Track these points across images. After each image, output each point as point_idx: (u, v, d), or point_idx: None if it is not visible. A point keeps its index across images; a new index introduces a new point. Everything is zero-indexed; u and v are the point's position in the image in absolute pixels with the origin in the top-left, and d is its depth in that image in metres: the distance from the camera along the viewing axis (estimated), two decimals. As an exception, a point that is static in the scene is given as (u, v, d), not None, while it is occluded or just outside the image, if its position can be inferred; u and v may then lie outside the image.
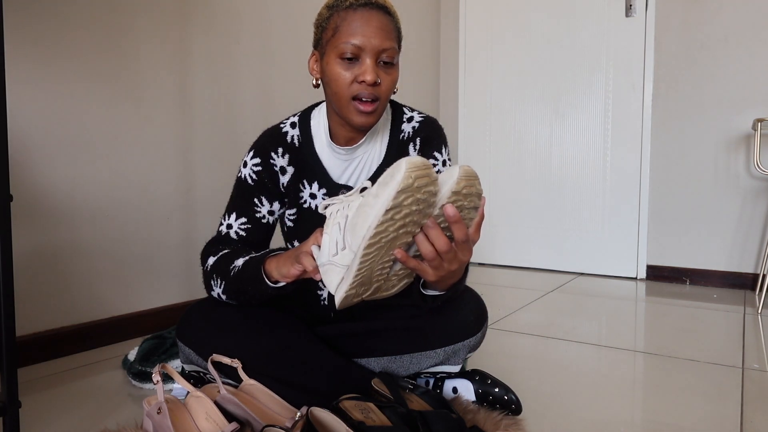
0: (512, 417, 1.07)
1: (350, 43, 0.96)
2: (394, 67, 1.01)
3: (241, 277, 0.99)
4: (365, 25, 0.96)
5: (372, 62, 0.97)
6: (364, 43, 0.96)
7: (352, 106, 0.99)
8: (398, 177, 0.71)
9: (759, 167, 2.16)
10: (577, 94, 2.76)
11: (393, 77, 1.00)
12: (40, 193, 1.45)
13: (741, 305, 2.13)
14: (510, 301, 2.18)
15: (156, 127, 1.72)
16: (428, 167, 0.73)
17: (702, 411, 1.15)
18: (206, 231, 1.88)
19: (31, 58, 1.42)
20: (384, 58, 0.98)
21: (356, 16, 0.96)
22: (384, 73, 0.99)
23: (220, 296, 1.05)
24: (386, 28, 0.98)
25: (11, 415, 0.86)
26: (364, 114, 0.99)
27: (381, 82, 0.98)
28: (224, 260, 1.03)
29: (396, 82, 1.02)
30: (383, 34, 0.97)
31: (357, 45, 0.96)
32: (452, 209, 0.76)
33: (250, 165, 1.10)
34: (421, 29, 2.99)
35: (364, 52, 0.96)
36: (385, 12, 0.98)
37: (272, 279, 0.96)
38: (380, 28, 0.97)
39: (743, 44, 2.39)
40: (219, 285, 1.03)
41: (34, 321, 1.44)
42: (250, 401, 0.98)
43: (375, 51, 0.96)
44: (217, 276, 1.04)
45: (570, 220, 2.81)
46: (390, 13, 1.00)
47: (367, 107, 0.98)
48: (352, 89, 0.98)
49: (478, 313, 1.12)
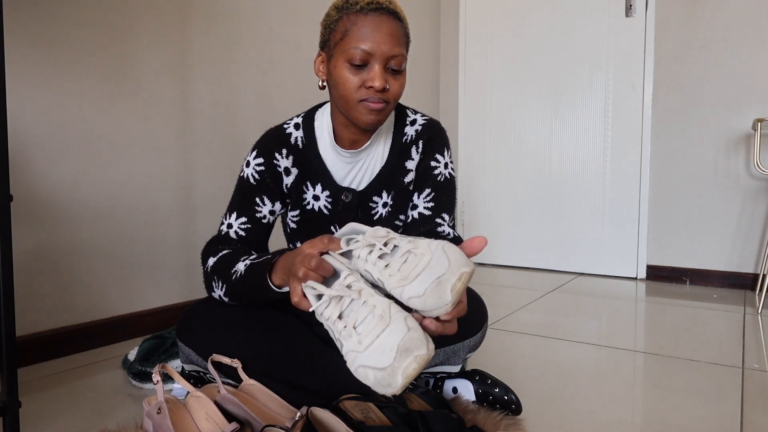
0: (512, 417, 1.07)
1: (360, 49, 0.95)
2: (402, 73, 1.00)
3: (245, 282, 0.98)
4: (375, 30, 0.95)
5: (381, 68, 0.96)
6: (373, 49, 0.95)
7: (361, 106, 0.98)
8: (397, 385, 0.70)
9: (759, 167, 2.16)
10: (577, 94, 2.76)
11: (401, 83, 1.00)
12: (40, 193, 1.45)
13: (741, 305, 2.12)
14: (510, 301, 2.18)
15: (156, 128, 1.72)
16: (426, 361, 0.71)
17: (702, 411, 1.15)
18: (206, 231, 1.88)
19: (31, 59, 1.42)
20: (393, 64, 0.97)
21: (367, 20, 0.96)
22: (392, 79, 0.98)
23: (222, 298, 1.05)
24: (396, 34, 0.97)
25: (11, 415, 0.87)
26: (373, 112, 0.98)
27: (390, 87, 0.98)
28: (224, 262, 1.03)
29: (404, 86, 1.01)
30: (393, 40, 0.96)
31: (366, 51, 0.95)
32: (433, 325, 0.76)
33: (253, 164, 1.10)
34: (421, 29, 2.99)
35: (374, 58, 0.96)
36: (395, 17, 0.98)
37: (276, 284, 0.94)
38: (390, 34, 0.96)
39: (743, 44, 2.39)
40: (220, 287, 1.03)
41: (34, 321, 1.44)
42: (250, 401, 0.97)
43: (384, 57, 0.96)
44: (218, 279, 1.03)
45: (570, 220, 2.81)
46: (400, 18, 0.99)
47: (377, 105, 0.97)
48: (359, 94, 0.97)
49: (478, 313, 1.12)
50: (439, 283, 0.74)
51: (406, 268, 0.77)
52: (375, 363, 0.72)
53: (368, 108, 0.98)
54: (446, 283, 0.73)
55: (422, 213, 1.13)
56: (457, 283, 0.73)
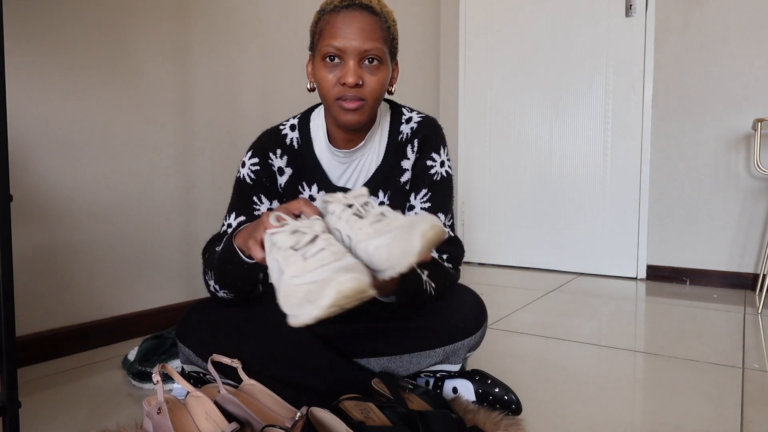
0: (512, 417, 1.07)
1: (332, 45, 0.96)
2: (381, 67, 0.99)
3: (221, 257, 0.98)
4: (346, 26, 0.96)
5: (354, 64, 0.96)
6: (344, 44, 0.96)
7: (337, 105, 0.99)
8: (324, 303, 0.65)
9: (759, 167, 2.16)
10: (577, 94, 2.76)
11: (379, 78, 0.99)
12: (40, 193, 1.45)
13: (741, 305, 2.13)
14: (510, 301, 2.18)
15: (156, 127, 1.72)
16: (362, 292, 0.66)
17: (702, 411, 1.15)
18: (206, 231, 1.88)
19: (31, 59, 1.42)
20: (368, 58, 0.97)
21: (338, 18, 0.97)
22: (368, 74, 0.98)
23: (216, 289, 1.04)
24: (369, 28, 0.97)
25: (11, 415, 0.86)
26: (348, 111, 0.98)
27: (365, 83, 0.98)
28: (212, 250, 1.04)
29: (384, 82, 1.00)
30: (364, 34, 0.96)
31: (337, 47, 0.96)
32: None
33: (249, 165, 1.10)
34: (421, 29, 2.99)
35: (346, 54, 0.96)
36: (369, 12, 0.98)
37: (239, 245, 0.93)
38: (361, 29, 0.96)
39: (743, 44, 2.39)
40: (211, 277, 1.03)
41: (34, 321, 1.44)
42: (250, 401, 0.97)
43: (356, 52, 0.96)
44: (209, 269, 1.04)
45: (570, 220, 2.81)
46: (376, 12, 0.99)
47: (350, 104, 0.98)
48: (335, 91, 0.98)
49: (478, 312, 1.12)
50: (411, 227, 0.71)
51: (379, 226, 0.75)
52: (310, 279, 0.68)
53: (343, 107, 0.98)
54: (417, 228, 0.71)
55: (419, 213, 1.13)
56: (429, 231, 0.70)
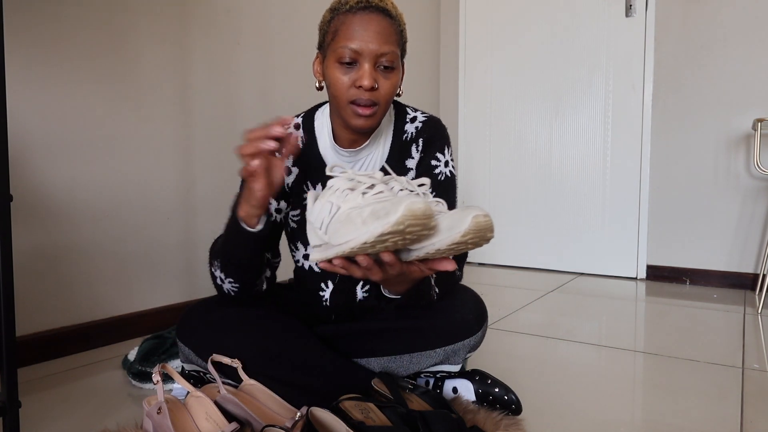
0: (512, 417, 1.07)
1: (348, 48, 0.95)
2: (395, 71, 0.99)
3: (226, 237, 0.99)
4: (363, 29, 0.95)
5: (370, 67, 0.96)
6: (361, 47, 0.95)
7: (350, 109, 0.98)
8: (392, 219, 0.67)
9: (759, 167, 2.16)
10: (577, 94, 2.76)
11: (393, 81, 0.99)
12: (40, 193, 1.45)
13: (741, 305, 2.12)
14: (510, 301, 2.18)
15: (156, 128, 1.72)
16: (427, 218, 0.69)
17: (702, 411, 1.15)
18: (206, 231, 1.88)
19: (31, 59, 1.42)
20: (383, 62, 0.97)
21: (355, 19, 0.96)
22: (383, 78, 0.98)
23: (222, 280, 1.03)
24: (385, 31, 0.97)
25: (11, 415, 0.86)
26: (362, 117, 0.98)
27: (379, 86, 0.97)
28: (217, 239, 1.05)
29: (396, 86, 1.01)
30: (381, 38, 0.96)
31: (354, 49, 0.95)
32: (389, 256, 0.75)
33: None
34: (421, 29, 2.99)
35: (362, 57, 0.96)
36: (385, 15, 0.97)
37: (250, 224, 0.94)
38: (379, 32, 0.96)
39: (743, 44, 2.38)
40: (217, 267, 1.02)
41: (34, 321, 1.44)
42: (250, 401, 0.97)
43: (373, 55, 0.96)
44: (214, 259, 1.03)
45: (570, 220, 2.81)
46: (391, 15, 0.98)
47: (365, 111, 0.97)
48: (350, 94, 0.97)
49: (478, 312, 1.12)
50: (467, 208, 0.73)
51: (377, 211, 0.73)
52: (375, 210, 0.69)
53: (356, 112, 0.98)
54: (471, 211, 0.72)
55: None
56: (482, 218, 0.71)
